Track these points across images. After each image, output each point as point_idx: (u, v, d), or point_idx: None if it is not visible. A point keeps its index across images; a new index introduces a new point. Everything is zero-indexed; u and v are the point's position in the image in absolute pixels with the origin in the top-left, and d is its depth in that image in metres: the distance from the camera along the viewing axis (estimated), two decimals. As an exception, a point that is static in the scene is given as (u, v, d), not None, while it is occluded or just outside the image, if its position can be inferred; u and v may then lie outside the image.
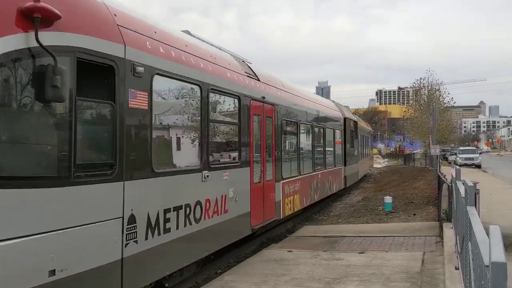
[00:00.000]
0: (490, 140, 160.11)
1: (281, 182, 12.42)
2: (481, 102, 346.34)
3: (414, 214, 15.91)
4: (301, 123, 14.79)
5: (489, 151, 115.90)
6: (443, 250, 9.51)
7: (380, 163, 62.34)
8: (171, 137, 7.95)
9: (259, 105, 11.07)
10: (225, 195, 9.00)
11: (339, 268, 9.02)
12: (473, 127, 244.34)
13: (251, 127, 10.41)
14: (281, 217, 12.53)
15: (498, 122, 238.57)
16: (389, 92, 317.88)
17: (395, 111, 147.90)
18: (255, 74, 11.46)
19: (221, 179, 8.86)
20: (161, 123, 7.62)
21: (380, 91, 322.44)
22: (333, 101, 24.27)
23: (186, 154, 8.24)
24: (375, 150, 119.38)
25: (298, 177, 14.21)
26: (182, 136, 8.18)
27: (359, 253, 10.28)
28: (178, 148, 8.00)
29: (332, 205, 20.19)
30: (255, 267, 9.25)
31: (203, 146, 8.28)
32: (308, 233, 13.21)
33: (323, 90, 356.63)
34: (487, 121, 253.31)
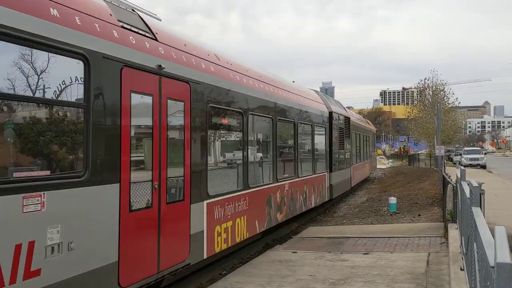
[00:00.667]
0: (495, 140, 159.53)
1: (206, 201, 8.23)
2: (486, 102, 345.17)
3: (419, 215, 15.88)
4: (252, 114, 10.38)
5: (494, 152, 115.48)
6: (448, 251, 9.49)
7: (384, 164, 62.19)
8: None
9: (150, 79, 6.86)
10: (32, 244, 4.81)
11: (344, 269, 9.01)
12: (478, 127, 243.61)
13: (124, 113, 6.23)
14: (205, 257, 8.24)
15: (503, 122, 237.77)
16: (393, 92, 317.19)
17: (400, 111, 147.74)
18: (148, 29, 7.28)
19: (15, 213, 4.69)
20: None
21: (384, 91, 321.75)
22: (316, 91, 19.36)
23: None
24: (379, 151, 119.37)
25: (244, 191, 9.89)
26: None
27: (364, 254, 10.28)
28: None
29: (337, 206, 20.16)
30: (260, 268, 9.26)
31: None
32: (312, 234, 13.21)
33: (327, 91, 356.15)
34: (492, 121, 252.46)
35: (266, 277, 8.55)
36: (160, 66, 7.06)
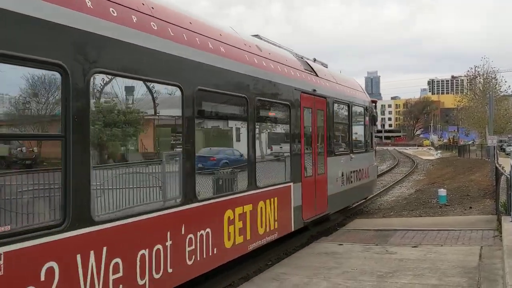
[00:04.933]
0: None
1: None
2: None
3: (470, 207, 15.40)
4: None
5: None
6: (502, 244, 9.17)
7: (432, 155, 60.64)
8: None
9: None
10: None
11: (392, 262, 8.86)
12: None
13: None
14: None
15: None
16: (442, 81, 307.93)
17: (448, 101, 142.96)
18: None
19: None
20: None
21: (433, 80, 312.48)
22: None
23: None
24: (426, 141, 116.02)
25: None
26: None
27: (413, 247, 10.07)
28: None
29: (383, 198, 19.84)
30: (306, 260, 9.25)
31: None
32: (359, 227, 13.06)
33: (373, 81, 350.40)
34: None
35: (312, 269, 8.53)
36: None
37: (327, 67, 14.08)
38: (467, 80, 55.53)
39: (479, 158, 41.05)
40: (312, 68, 11.96)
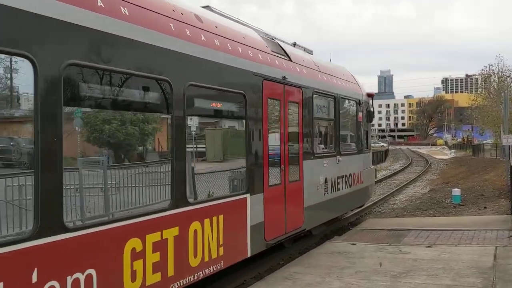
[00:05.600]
0: None
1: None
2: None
3: (485, 207, 15.25)
4: None
5: None
6: (518, 245, 9.07)
7: (446, 154, 60.11)
8: None
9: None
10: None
11: (406, 262, 8.80)
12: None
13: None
14: None
15: None
16: (455, 80, 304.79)
17: (463, 99, 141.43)
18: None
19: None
20: None
21: (446, 79, 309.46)
22: None
23: None
24: (440, 141, 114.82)
25: None
26: None
27: (427, 247, 9.99)
28: None
29: (397, 198, 19.72)
30: (318, 259, 9.22)
31: None
32: (372, 226, 12.99)
33: (386, 79, 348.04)
34: None
35: (325, 268, 8.50)
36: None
37: (311, 54, 12.00)
38: (482, 78, 54.90)
39: (494, 158, 40.63)
40: (284, 51, 9.69)
